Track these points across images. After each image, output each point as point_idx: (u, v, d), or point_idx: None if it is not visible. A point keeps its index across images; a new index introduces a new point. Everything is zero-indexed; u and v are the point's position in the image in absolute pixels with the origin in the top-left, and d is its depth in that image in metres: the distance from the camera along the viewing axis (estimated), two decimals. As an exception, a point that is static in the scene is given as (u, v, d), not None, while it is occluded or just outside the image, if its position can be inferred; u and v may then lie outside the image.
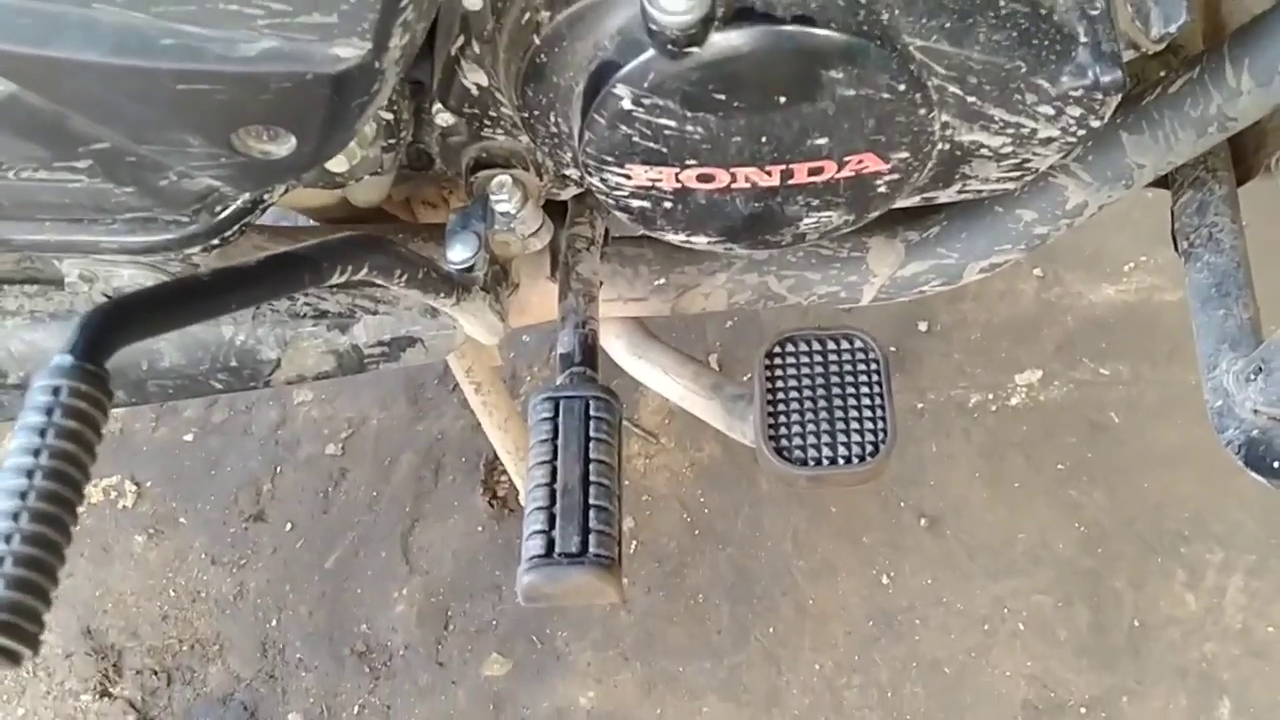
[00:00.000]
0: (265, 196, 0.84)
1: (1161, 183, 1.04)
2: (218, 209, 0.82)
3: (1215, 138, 0.88)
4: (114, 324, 0.56)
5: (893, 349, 1.81)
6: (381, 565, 1.70)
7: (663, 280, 1.07)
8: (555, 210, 1.01)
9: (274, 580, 1.70)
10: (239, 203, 0.83)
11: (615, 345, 1.13)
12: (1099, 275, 1.87)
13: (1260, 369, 0.85)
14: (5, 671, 1.64)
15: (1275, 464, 0.82)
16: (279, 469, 1.79)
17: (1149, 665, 1.53)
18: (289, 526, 1.74)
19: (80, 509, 0.49)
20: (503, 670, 1.61)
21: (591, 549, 0.75)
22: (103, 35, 0.63)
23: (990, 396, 1.77)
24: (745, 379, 1.05)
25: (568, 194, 0.98)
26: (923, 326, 1.84)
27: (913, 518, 1.67)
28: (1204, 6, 1.12)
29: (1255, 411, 0.87)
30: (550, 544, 0.76)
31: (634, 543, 1.68)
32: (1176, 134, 0.89)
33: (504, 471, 1.70)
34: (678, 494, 1.72)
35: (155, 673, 1.64)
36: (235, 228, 0.84)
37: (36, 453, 0.48)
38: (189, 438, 1.82)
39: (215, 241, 0.84)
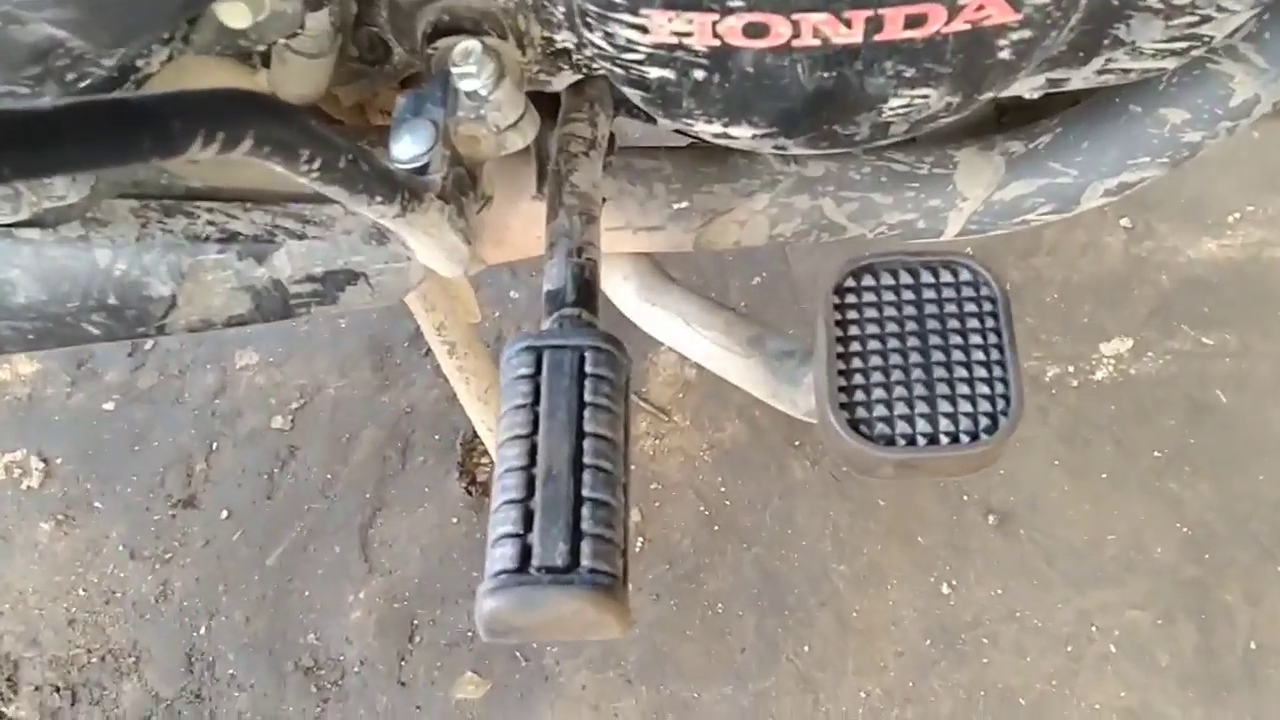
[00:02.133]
0: (138, 64, 0.66)
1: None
2: (69, 75, 0.64)
3: None
4: None
5: (953, 311, 1.66)
6: (335, 562, 1.59)
7: (685, 203, 0.91)
8: (545, 106, 0.83)
9: (205, 579, 1.58)
10: (100, 70, 0.64)
11: (622, 289, 0.97)
12: (1199, 227, 1.77)
13: None
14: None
15: None
16: (215, 445, 1.68)
17: (1269, 697, 1.41)
18: (225, 514, 1.63)
19: None
20: (478, 693, 1.49)
21: (584, 562, 0.56)
22: None
23: (1071, 370, 1.66)
24: (793, 334, 0.87)
25: (560, 82, 0.83)
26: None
27: (979, 514, 1.56)
28: None
29: None
30: (526, 553, 0.57)
31: (640, 540, 1.57)
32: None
33: (485, 452, 1.60)
34: (693, 482, 1.61)
35: (58, 689, 1.52)
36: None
37: None
38: (109, 406, 1.72)
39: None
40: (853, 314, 0.71)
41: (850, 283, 0.72)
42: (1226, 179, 1.75)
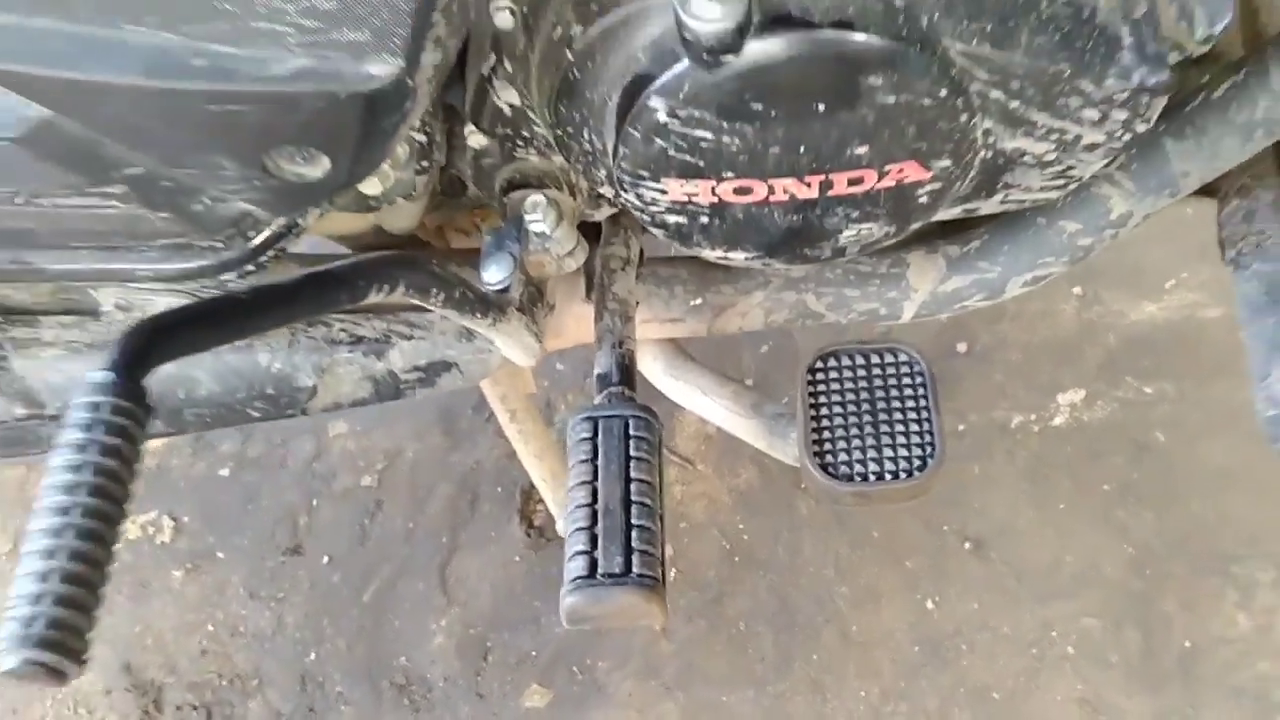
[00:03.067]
0: (299, 220, 0.84)
1: (1207, 190, 1.02)
2: (251, 234, 0.82)
3: (1262, 142, 0.86)
4: (153, 341, 0.56)
5: (933, 370, 1.79)
6: (419, 597, 1.69)
7: (699, 300, 1.06)
8: (590, 231, 1.00)
9: (312, 614, 1.70)
10: (273, 227, 0.82)
11: (652, 367, 1.12)
12: (1140, 293, 1.86)
13: (1317, 376, 0.83)
14: (46, 706, 1.65)
15: (1337, 473, 0.80)
16: (315, 502, 1.79)
17: (1202, 688, 1.50)
18: (326, 559, 1.74)
19: (122, 523, 0.48)
20: (543, 701, 1.60)
21: (635, 569, 0.73)
22: (133, 57, 0.63)
23: (1033, 417, 1.75)
24: (785, 401, 1.04)
25: (602, 214, 0.98)
26: (962, 348, 1.82)
27: (957, 541, 1.65)
28: (1242, 13, 1.10)
29: (1313, 420, 0.84)
30: (593, 564, 0.74)
31: (673, 571, 1.67)
32: (1221, 140, 0.87)
33: (540, 500, 1.70)
34: (716, 521, 1.71)
35: (195, 708, 1.63)
36: (270, 253, 0.83)
37: (79, 468, 0.47)
38: (225, 472, 1.83)
39: (250, 267, 0.84)
40: (822, 387, 0.88)
41: (820, 364, 0.89)
42: (1163, 250, 1.84)
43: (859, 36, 0.67)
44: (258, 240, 0.83)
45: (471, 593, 1.69)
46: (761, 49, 0.67)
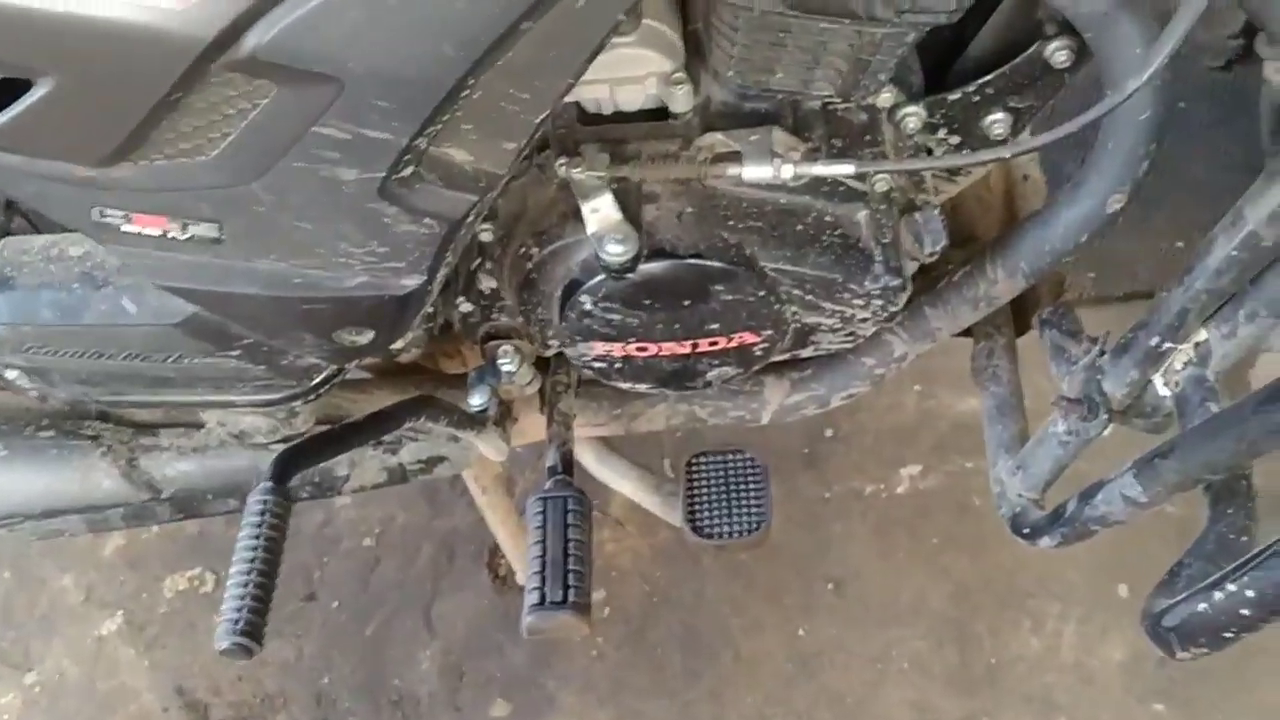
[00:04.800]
0: (347, 366, 1.11)
1: (966, 332, 1.31)
2: (315, 376, 1.08)
3: (985, 311, 1.14)
4: (293, 460, 0.83)
5: (805, 450, 2.05)
6: (409, 632, 1.86)
7: (619, 411, 1.31)
8: (544, 362, 1.27)
9: (324, 647, 1.86)
10: (329, 371, 1.09)
11: (587, 458, 1.39)
12: (965, 390, 2.00)
13: (1020, 466, 1.12)
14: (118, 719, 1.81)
15: (1026, 530, 1.08)
16: (326, 559, 1.96)
17: (1002, 693, 1.72)
18: (336, 604, 1.91)
19: (279, 567, 0.74)
20: (506, 711, 1.77)
21: (571, 598, 1.00)
22: (258, 277, 0.89)
23: (881, 487, 1.97)
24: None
25: (551, 352, 1.24)
26: (829, 433, 2.07)
27: (823, 583, 1.85)
28: (1002, 205, 1.40)
29: (1019, 495, 1.13)
30: (543, 596, 1.00)
31: (606, 609, 1.85)
32: (960, 308, 1.14)
33: (503, 556, 1.86)
34: (640, 570, 1.89)
35: None
36: (325, 388, 1.10)
37: (257, 537, 0.74)
38: None
39: (311, 397, 1.10)
40: (696, 475, 1.16)
41: (694, 460, 1.18)
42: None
43: (707, 262, 0.96)
44: (318, 380, 1.09)
45: (450, 628, 1.86)
46: (649, 269, 0.95)
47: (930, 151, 1.05)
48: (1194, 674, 1.72)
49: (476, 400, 1.13)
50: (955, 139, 1.04)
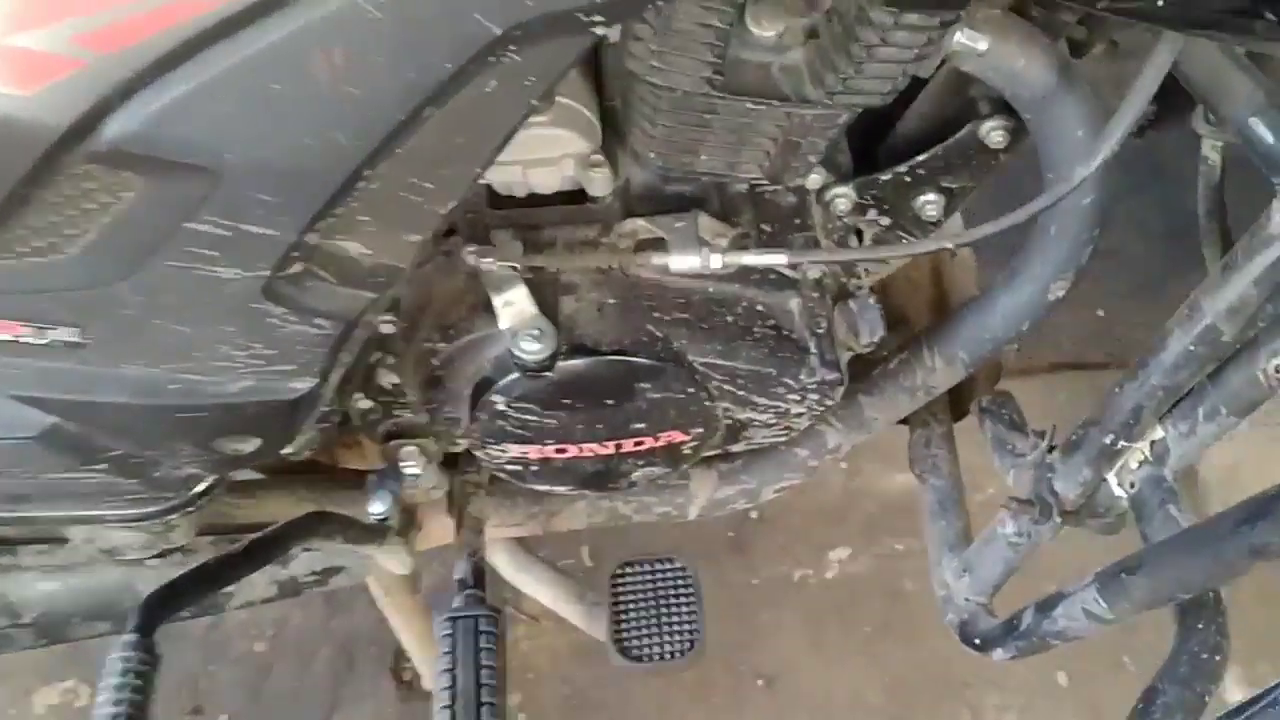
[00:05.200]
0: (230, 475, 1.02)
1: (903, 420, 1.29)
2: (194, 486, 0.99)
3: (922, 400, 1.13)
4: (164, 605, 0.75)
5: (730, 534, 2.01)
6: None
7: (535, 509, 1.25)
8: (451, 459, 1.20)
9: None
10: (209, 481, 1.00)
11: (499, 560, 1.31)
12: (892, 465, 2.05)
13: (966, 568, 1.09)
14: None
15: (976, 640, 1.05)
16: (212, 667, 1.86)
17: None
18: (224, 717, 1.81)
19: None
20: None
21: (485, 738, 0.92)
22: (127, 384, 0.81)
23: (810, 571, 1.95)
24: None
25: (458, 450, 1.18)
26: (754, 514, 2.04)
27: (752, 678, 1.82)
28: (930, 284, 1.39)
29: (966, 599, 1.09)
30: (453, 738, 0.92)
31: (521, 715, 1.79)
32: (896, 397, 1.12)
33: (409, 659, 1.79)
34: (558, 669, 1.84)
35: None
36: (204, 499, 1.01)
37: (118, 702, 0.66)
38: None
39: (190, 509, 1.01)
40: (621, 588, 1.10)
41: (620, 571, 1.12)
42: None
43: (632, 358, 0.90)
44: (196, 490, 1.00)
45: None
46: (568, 367, 0.89)
47: (860, 233, 1.02)
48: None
49: (377, 508, 1.05)
50: (886, 220, 1.02)
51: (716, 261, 0.87)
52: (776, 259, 0.86)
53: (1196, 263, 2.37)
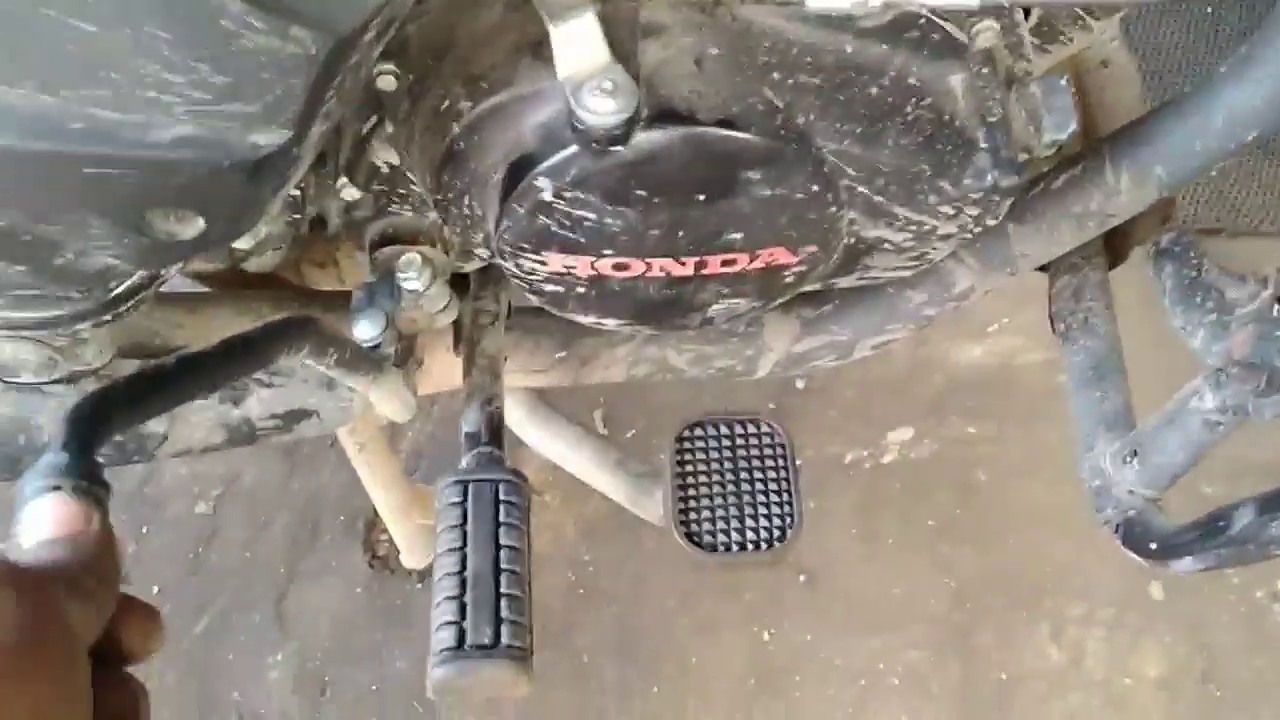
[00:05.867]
0: (163, 273, 0.82)
1: (1040, 266, 1.09)
2: (112, 285, 0.79)
3: (1094, 231, 0.93)
4: (99, 417, 0.56)
5: (771, 405, 1.85)
6: (254, 630, 1.64)
7: (564, 353, 1.07)
8: (458, 281, 1.00)
9: None
10: (134, 279, 0.80)
11: (516, 417, 1.13)
12: (966, 335, 1.94)
13: (1136, 452, 0.90)
14: None
15: (1152, 545, 0.87)
16: (145, 529, 1.72)
17: (1015, 717, 1.58)
18: (156, 590, 1.67)
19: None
20: None
21: (504, 640, 0.74)
22: (7, 118, 0.60)
23: (865, 453, 1.82)
24: (646, 457, 1.06)
25: (471, 267, 0.98)
26: (800, 384, 1.88)
27: (792, 574, 1.69)
28: (1082, 108, 1.18)
29: (1131, 493, 0.91)
30: (461, 635, 0.74)
31: None
32: (1059, 227, 0.93)
33: (385, 530, 1.65)
34: (563, 552, 1.71)
35: None
36: (128, 304, 0.81)
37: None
38: None
39: (107, 317, 0.81)
40: (689, 456, 0.91)
41: (687, 433, 0.92)
42: (987, 297, 1.97)
43: (741, 135, 0.69)
44: (117, 291, 0.80)
45: (310, 626, 1.64)
46: (649, 141, 0.68)
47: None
48: (1241, 695, 1.58)
49: (365, 331, 0.86)
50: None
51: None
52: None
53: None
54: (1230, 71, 0.80)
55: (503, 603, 0.76)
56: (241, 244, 0.83)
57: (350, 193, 0.87)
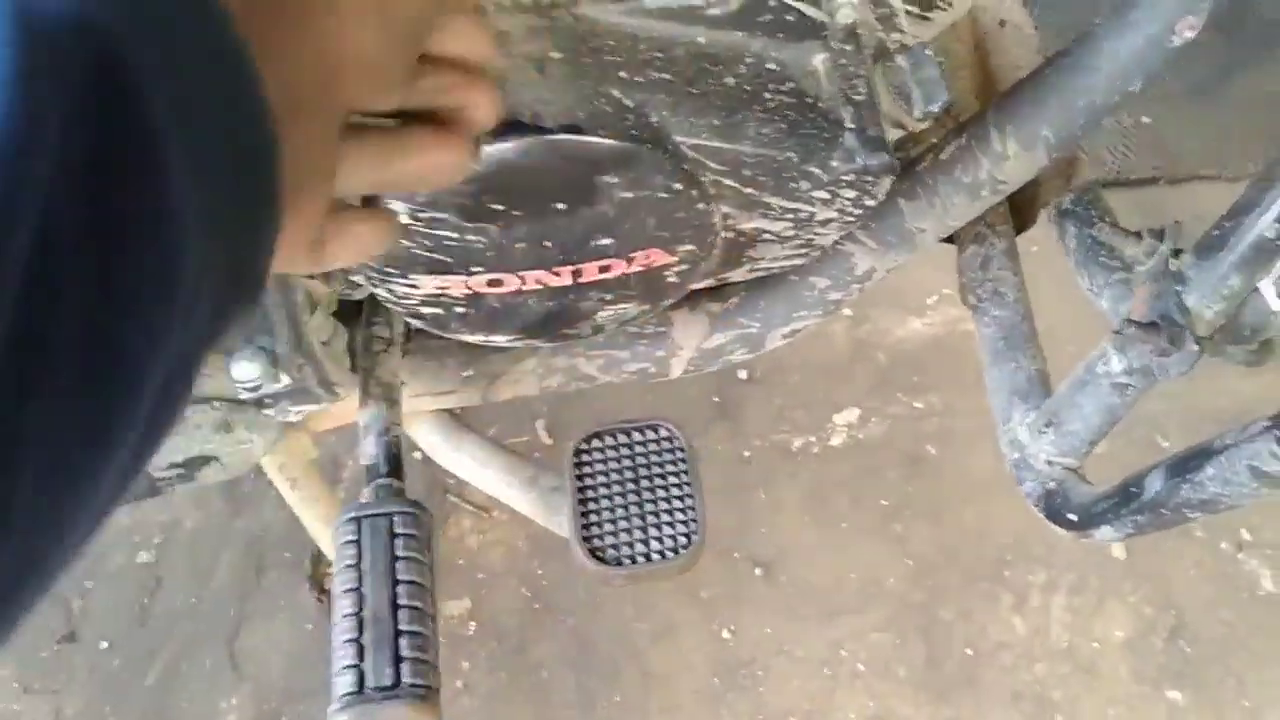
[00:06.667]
0: None
1: (947, 238, 1.07)
2: None
3: (989, 200, 0.91)
4: None
5: (715, 399, 1.83)
6: (207, 675, 1.60)
7: (470, 371, 1.04)
8: (353, 307, 0.98)
9: (92, 704, 1.58)
10: None
11: (429, 440, 1.10)
12: (905, 310, 1.92)
13: (1050, 422, 0.88)
14: None
15: (1071, 515, 0.85)
16: (89, 584, 1.67)
17: (984, 692, 1.56)
18: (104, 645, 1.63)
19: None
20: None
21: (405, 679, 0.72)
22: None
23: (812, 439, 1.79)
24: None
25: (360, 294, 0.96)
26: (743, 375, 1.86)
27: (748, 567, 1.67)
28: (974, 70, 1.17)
29: (1049, 463, 0.90)
30: (361, 678, 0.72)
31: (472, 624, 1.63)
32: (951, 199, 0.91)
33: (329, 564, 1.61)
34: (515, 568, 1.68)
35: None
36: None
37: None
38: None
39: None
40: (588, 469, 0.89)
41: (584, 445, 0.90)
42: (923, 268, 1.84)
43: (591, 139, 0.67)
44: None
45: (262, 665, 1.60)
46: (497, 153, 0.66)
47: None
48: (1212, 649, 1.57)
49: (244, 372, 0.83)
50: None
51: (714, -18, 0.63)
52: (804, -26, 0.63)
53: (1262, 58, 2.18)
54: (1107, 24, 0.79)
55: (402, 640, 0.74)
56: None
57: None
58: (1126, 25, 0.77)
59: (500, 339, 0.85)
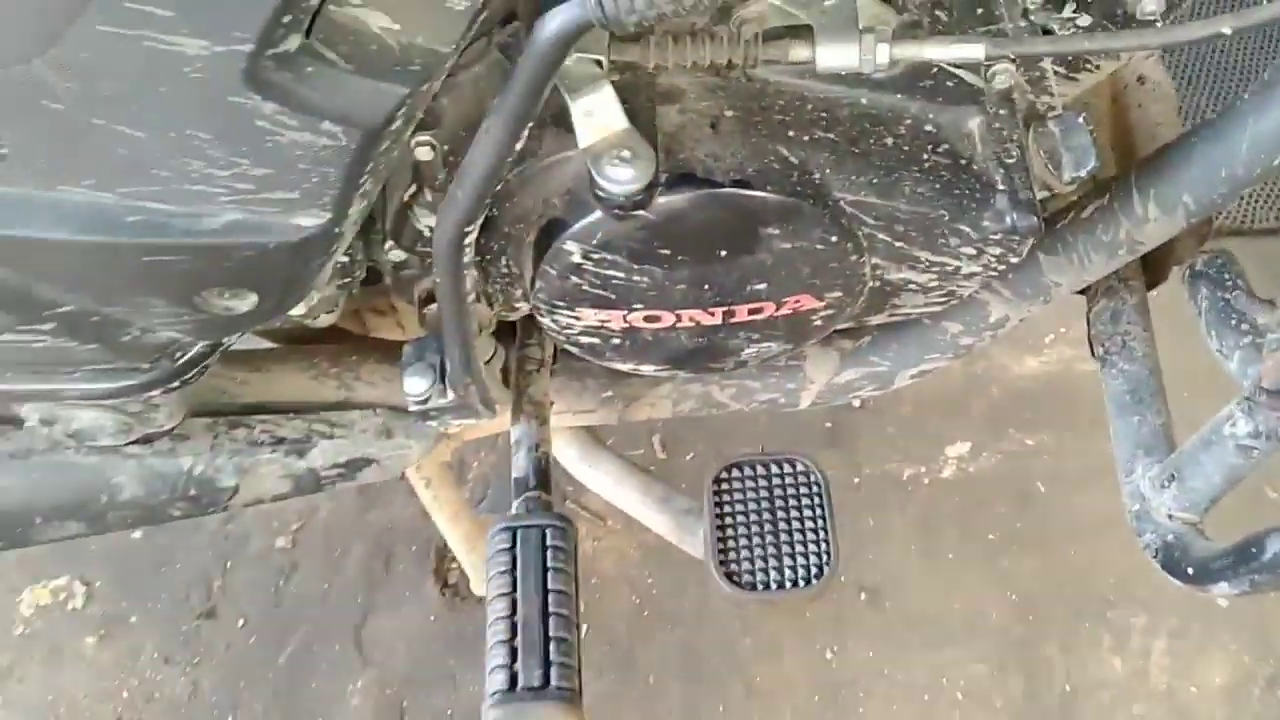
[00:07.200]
0: (224, 342, 0.85)
1: (1080, 290, 1.09)
2: (177, 355, 0.83)
3: (1125, 259, 0.93)
4: None
5: (828, 425, 1.85)
6: (335, 658, 1.67)
7: (610, 393, 1.09)
8: (508, 328, 1.03)
9: (228, 678, 1.66)
10: (198, 349, 0.84)
11: (566, 454, 1.15)
12: (1022, 348, 1.92)
13: (1174, 477, 0.90)
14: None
15: (1188, 569, 0.86)
16: (229, 564, 1.75)
17: None
18: (241, 623, 1.70)
19: None
20: None
21: (553, 682, 0.77)
22: (70, 214, 0.64)
23: (923, 469, 1.80)
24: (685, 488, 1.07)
25: (516, 316, 1.00)
26: (856, 402, 1.86)
27: (854, 592, 1.68)
28: (1112, 125, 1.18)
29: (1170, 516, 0.91)
30: (513, 678, 0.77)
31: (585, 626, 1.67)
32: (1089, 256, 0.93)
33: (454, 559, 1.68)
34: (626, 575, 1.72)
35: None
36: (194, 371, 0.85)
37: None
38: (137, 535, 1.76)
39: (174, 384, 0.85)
40: (726, 496, 0.93)
41: (724, 474, 0.94)
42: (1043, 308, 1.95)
43: (757, 193, 0.71)
44: (182, 361, 0.84)
45: (387, 653, 1.67)
46: (669, 204, 0.71)
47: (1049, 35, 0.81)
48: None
49: (414, 386, 0.88)
50: (1087, 17, 0.80)
51: (884, 55, 0.66)
52: (970, 51, 0.65)
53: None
54: (1253, 98, 0.80)
55: (551, 646, 0.78)
56: (296, 310, 0.86)
57: (397, 254, 0.90)
58: (1271, 101, 0.78)
59: (648, 369, 0.89)
